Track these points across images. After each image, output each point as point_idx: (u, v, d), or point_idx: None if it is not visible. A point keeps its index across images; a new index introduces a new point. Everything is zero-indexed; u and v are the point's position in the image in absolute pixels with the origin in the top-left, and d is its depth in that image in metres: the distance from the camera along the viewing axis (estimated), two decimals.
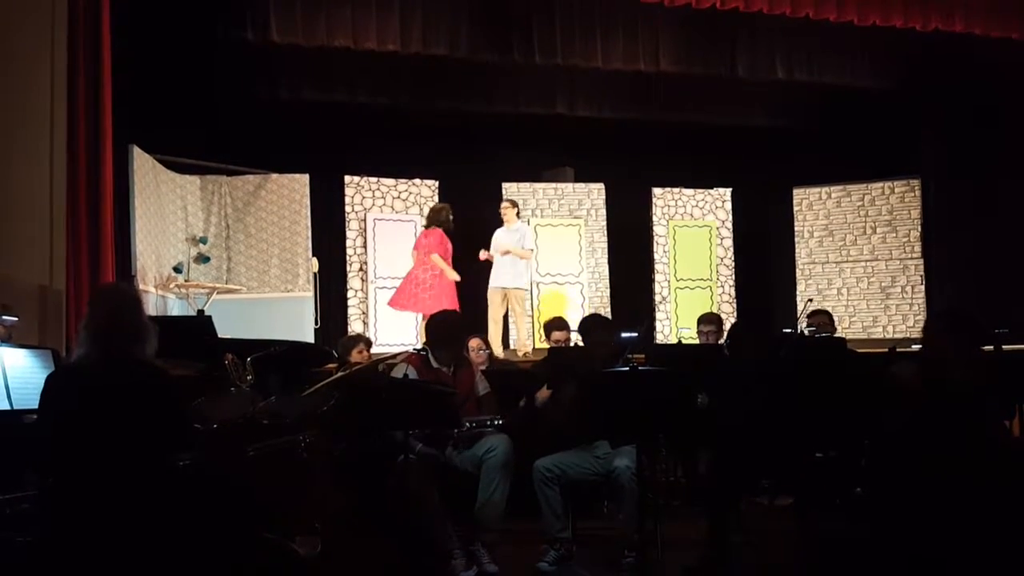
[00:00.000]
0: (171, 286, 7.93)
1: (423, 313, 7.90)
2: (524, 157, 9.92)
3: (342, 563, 3.86)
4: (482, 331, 7.19)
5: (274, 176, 8.81)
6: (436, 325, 4.99)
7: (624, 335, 4.69)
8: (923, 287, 9.73)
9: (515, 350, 8.57)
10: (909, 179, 9.89)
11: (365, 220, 9.11)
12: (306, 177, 8.81)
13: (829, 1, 8.01)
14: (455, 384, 4.59)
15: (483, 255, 8.29)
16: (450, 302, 7.74)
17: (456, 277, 7.94)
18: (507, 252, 8.19)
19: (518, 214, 8.48)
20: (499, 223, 8.47)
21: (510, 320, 8.60)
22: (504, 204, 8.48)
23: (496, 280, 8.27)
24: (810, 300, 8.73)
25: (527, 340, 8.49)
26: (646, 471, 4.22)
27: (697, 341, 6.65)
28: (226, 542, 3.12)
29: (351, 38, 7.69)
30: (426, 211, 8.86)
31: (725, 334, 6.43)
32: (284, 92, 8.53)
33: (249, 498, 3.38)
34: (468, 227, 8.48)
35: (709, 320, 6.63)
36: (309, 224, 8.75)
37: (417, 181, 9.36)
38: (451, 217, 8.15)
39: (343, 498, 4.12)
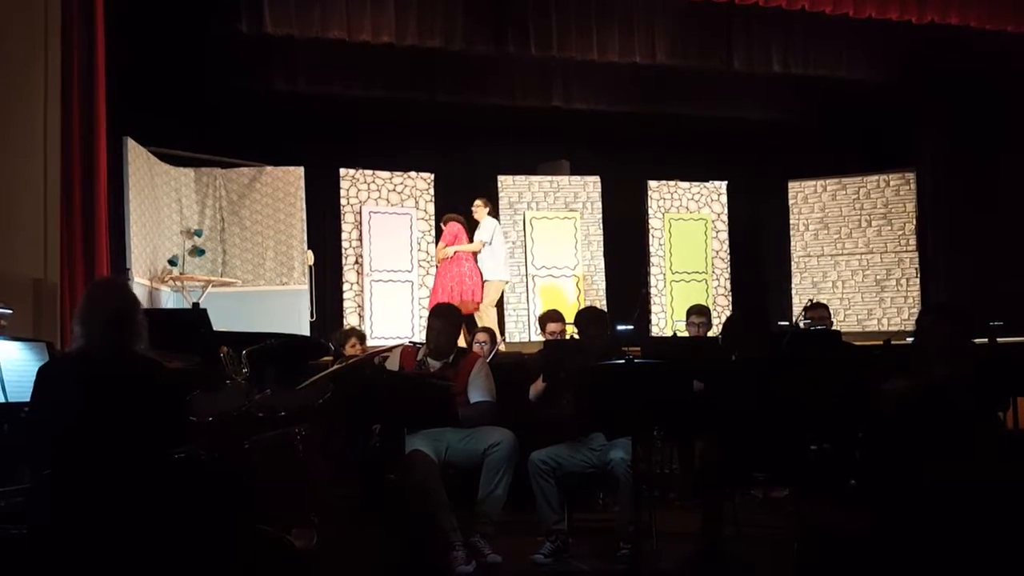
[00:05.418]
0: (166, 279, 7.91)
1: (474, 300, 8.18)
2: (519, 150, 9.92)
3: (338, 556, 3.87)
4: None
5: (269, 169, 8.78)
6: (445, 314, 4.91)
7: (620, 327, 4.69)
8: (918, 280, 9.74)
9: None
10: (904, 172, 9.89)
11: (360, 213, 9.09)
12: (301, 170, 8.78)
13: None
14: (449, 375, 4.56)
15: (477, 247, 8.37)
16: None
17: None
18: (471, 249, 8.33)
19: (489, 212, 8.54)
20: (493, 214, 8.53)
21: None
22: (476, 203, 8.55)
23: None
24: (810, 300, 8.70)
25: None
26: (641, 463, 4.22)
27: (687, 334, 6.70)
28: (222, 534, 3.12)
29: (346, 30, 7.67)
30: (421, 204, 9.12)
31: (719, 327, 6.45)
32: (279, 84, 8.52)
33: (245, 491, 3.38)
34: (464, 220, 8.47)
35: (700, 312, 6.67)
36: (304, 217, 8.73)
37: (412, 174, 9.34)
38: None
39: (339, 491, 4.12)
